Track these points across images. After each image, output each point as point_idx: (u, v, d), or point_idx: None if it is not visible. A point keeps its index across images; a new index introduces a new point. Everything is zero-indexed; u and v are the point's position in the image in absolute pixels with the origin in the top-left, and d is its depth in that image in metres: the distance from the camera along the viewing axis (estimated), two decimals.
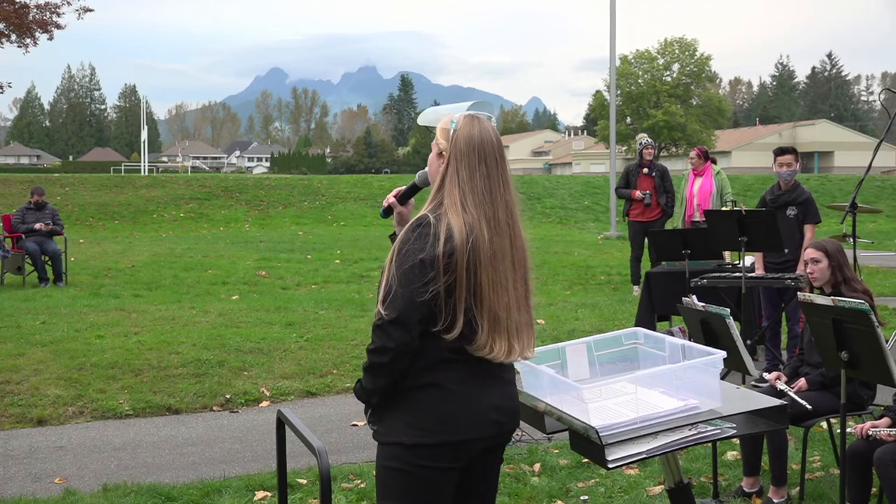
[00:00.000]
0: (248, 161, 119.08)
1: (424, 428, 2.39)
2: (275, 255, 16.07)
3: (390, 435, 2.43)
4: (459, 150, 2.48)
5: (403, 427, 2.41)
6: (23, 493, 4.85)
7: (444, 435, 2.40)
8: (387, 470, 2.46)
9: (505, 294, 2.46)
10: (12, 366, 7.18)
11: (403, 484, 2.44)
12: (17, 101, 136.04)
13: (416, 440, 2.39)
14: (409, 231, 2.42)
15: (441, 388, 2.41)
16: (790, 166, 7.10)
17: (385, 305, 2.36)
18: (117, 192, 27.70)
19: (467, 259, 2.37)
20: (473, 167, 2.47)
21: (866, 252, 14.82)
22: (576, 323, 9.20)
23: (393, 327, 2.35)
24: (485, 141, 2.49)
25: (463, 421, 2.41)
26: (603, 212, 25.95)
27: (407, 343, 2.37)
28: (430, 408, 2.40)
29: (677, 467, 2.86)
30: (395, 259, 2.39)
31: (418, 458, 2.40)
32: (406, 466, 2.42)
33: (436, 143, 2.58)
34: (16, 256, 12.36)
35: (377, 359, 2.41)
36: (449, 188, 2.46)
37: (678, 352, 2.84)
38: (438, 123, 2.60)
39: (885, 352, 3.55)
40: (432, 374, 2.41)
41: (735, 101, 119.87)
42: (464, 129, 2.51)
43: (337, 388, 7.00)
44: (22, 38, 29.78)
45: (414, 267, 2.35)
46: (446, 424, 2.40)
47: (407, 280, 2.34)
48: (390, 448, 2.44)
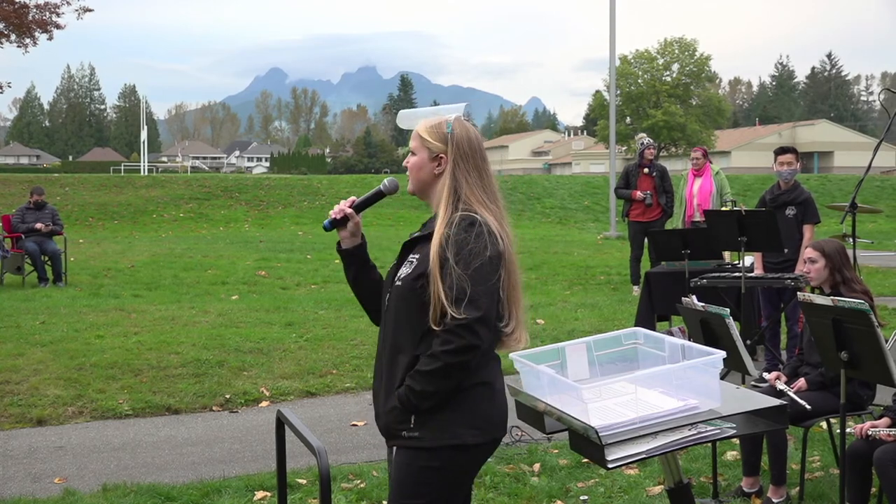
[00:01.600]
0: (247, 161, 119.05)
1: (483, 427, 2.46)
2: (274, 255, 16.07)
3: (444, 438, 2.43)
4: (464, 152, 2.53)
5: (464, 427, 2.43)
6: (22, 493, 4.85)
7: (496, 433, 2.51)
8: (433, 472, 2.44)
9: (520, 286, 2.57)
10: (12, 366, 7.18)
11: (449, 483, 2.47)
12: (17, 101, 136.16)
13: (479, 439, 2.45)
14: (459, 230, 2.42)
15: (489, 386, 2.49)
16: (790, 165, 7.11)
17: (464, 306, 2.35)
18: (117, 192, 27.70)
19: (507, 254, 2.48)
20: (480, 168, 2.55)
21: (866, 252, 14.82)
22: (575, 323, 9.21)
23: (480, 325, 2.37)
24: (480, 142, 2.59)
25: (504, 417, 2.54)
26: (603, 212, 25.95)
27: (490, 340, 2.43)
28: (483, 407, 2.47)
29: (677, 467, 2.85)
30: (459, 259, 2.38)
31: (475, 457, 2.48)
32: (459, 466, 2.46)
33: (423, 147, 2.57)
34: (15, 256, 12.36)
35: (461, 358, 2.38)
36: (468, 189, 2.50)
37: (678, 352, 2.83)
38: (418, 126, 2.61)
39: (884, 352, 3.55)
40: (482, 372, 2.48)
41: (735, 101, 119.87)
42: (461, 131, 2.55)
43: (337, 388, 7.00)
44: (22, 38, 29.76)
45: (484, 265, 2.39)
46: (498, 422, 2.51)
47: (482, 277, 2.38)
48: (444, 451, 2.43)
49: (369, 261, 2.74)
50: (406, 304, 2.48)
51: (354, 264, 2.73)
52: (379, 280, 2.74)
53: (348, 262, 2.73)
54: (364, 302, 2.78)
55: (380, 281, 2.73)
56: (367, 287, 2.75)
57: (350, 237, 2.70)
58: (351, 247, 2.71)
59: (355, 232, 2.70)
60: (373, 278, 2.74)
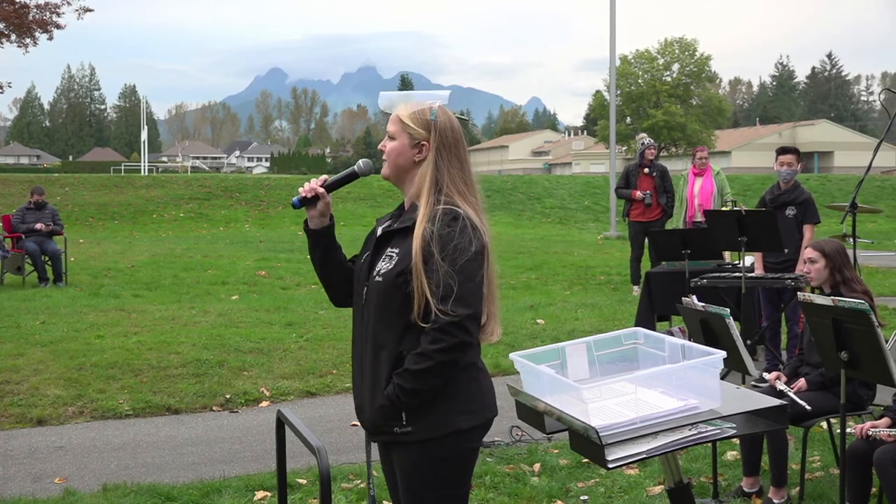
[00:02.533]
0: (247, 161, 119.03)
1: (472, 410, 2.46)
2: (275, 255, 16.08)
3: (438, 428, 2.42)
4: (448, 141, 2.49)
5: (455, 414, 2.43)
6: (23, 493, 4.85)
7: (487, 412, 2.51)
8: (437, 463, 2.44)
9: (495, 280, 2.56)
10: (12, 366, 7.18)
11: (455, 472, 2.47)
12: (17, 101, 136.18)
13: (472, 423, 2.45)
14: (443, 225, 2.38)
15: (476, 368, 2.50)
16: (791, 166, 7.11)
17: (452, 303, 2.32)
18: (117, 192, 27.71)
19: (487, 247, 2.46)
20: (462, 158, 2.52)
21: (866, 252, 14.82)
22: (575, 323, 9.21)
23: (470, 322, 2.36)
24: (461, 132, 2.55)
25: (492, 397, 2.55)
26: (603, 212, 25.95)
27: (477, 335, 2.43)
28: (472, 389, 2.47)
29: (677, 467, 2.85)
30: (445, 255, 2.35)
31: (472, 441, 2.48)
32: (460, 452, 2.46)
33: (404, 132, 2.50)
34: (16, 256, 12.36)
35: (452, 356, 2.37)
36: (450, 180, 2.47)
37: (678, 352, 2.83)
38: (399, 109, 2.53)
39: (884, 352, 3.55)
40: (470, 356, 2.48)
41: (735, 101, 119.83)
42: (444, 119, 2.51)
43: (337, 388, 7.00)
44: (22, 38, 29.74)
45: (471, 260, 2.36)
46: (487, 403, 2.51)
47: (470, 274, 2.36)
48: (440, 440, 2.42)
49: (335, 241, 2.69)
50: (387, 300, 2.44)
51: (321, 244, 2.67)
52: (344, 261, 2.71)
53: (315, 242, 2.67)
54: (327, 282, 2.72)
55: (345, 262, 2.71)
56: (334, 267, 2.70)
57: (319, 217, 2.64)
58: (319, 227, 2.66)
59: (324, 212, 2.64)
60: (339, 259, 2.71)
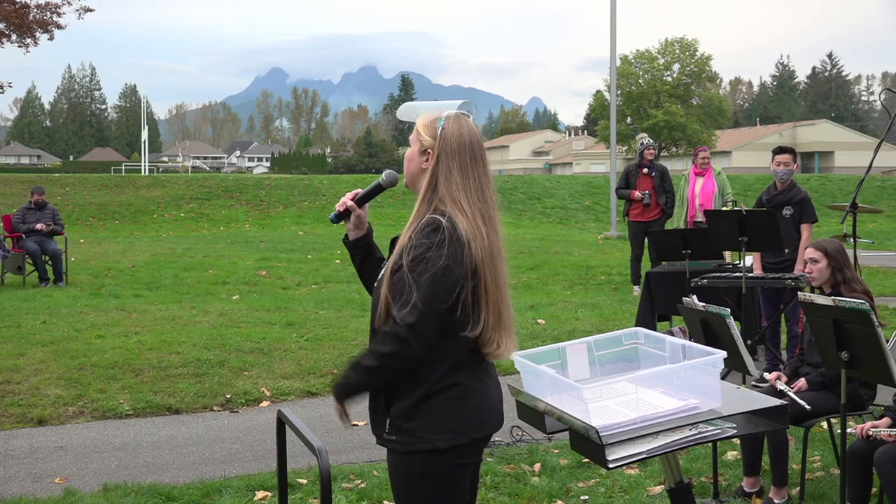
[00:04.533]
0: (248, 161, 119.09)
1: (455, 430, 2.41)
2: (275, 255, 16.08)
3: (418, 443, 2.40)
4: (451, 149, 2.48)
5: (434, 433, 2.39)
6: (23, 492, 4.85)
7: (473, 433, 2.45)
8: (416, 477, 2.43)
9: (504, 290, 2.49)
10: (12, 366, 7.18)
11: (435, 487, 2.44)
12: (18, 101, 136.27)
13: (451, 443, 2.40)
14: (422, 236, 2.36)
15: (462, 387, 2.43)
16: (787, 165, 7.12)
17: (407, 312, 2.31)
18: (118, 192, 27.71)
19: (478, 259, 2.39)
20: (466, 166, 2.47)
21: (866, 252, 14.81)
22: (576, 323, 9.21)
23: (415, 336, 2.32)
24: (473, 140, 2.51)
25: (484, 416, 2.47)
26: (603, 212, 25.95)
27: (424, 353, 2.36)
28: (456, 409, 2.42)
29: (677, 467, 2.85)
30: (414, 265, 2.33)
31: (453, 459, 2.43)
32: (439, 470, 2.42)
33: (417, 140, 2.54)
34: (16, 256, 12.36)
35: (390, 363, 2.36)
36: (445, 187, 2.44)
37: (678, 352, 2.83)
38: (418, 119, 2.57)
39: (885, 352, 3.55)
40: (454, 375, 2.42)
41: (735, 101, 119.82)
42: (453, 127, 2.50)
43: None
44: (22, 38, 29.74)
45: (437, 275, 2.32)
46: (473, 422, 2.44)
47: (430, 288, 2.31)
48: (419, 455, 2.40)
49: (375, 250, 2.73)
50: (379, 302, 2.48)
51: (358, 254, 2.73)
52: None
53: (352, 253, 2.75)
54: (368, 287, 2.78)
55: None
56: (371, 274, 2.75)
57: (354, 229, 2.70)
58: (355, 238, 2.72)
59: (359, 224, 2.69)
60: (378, 266, 2.75)
